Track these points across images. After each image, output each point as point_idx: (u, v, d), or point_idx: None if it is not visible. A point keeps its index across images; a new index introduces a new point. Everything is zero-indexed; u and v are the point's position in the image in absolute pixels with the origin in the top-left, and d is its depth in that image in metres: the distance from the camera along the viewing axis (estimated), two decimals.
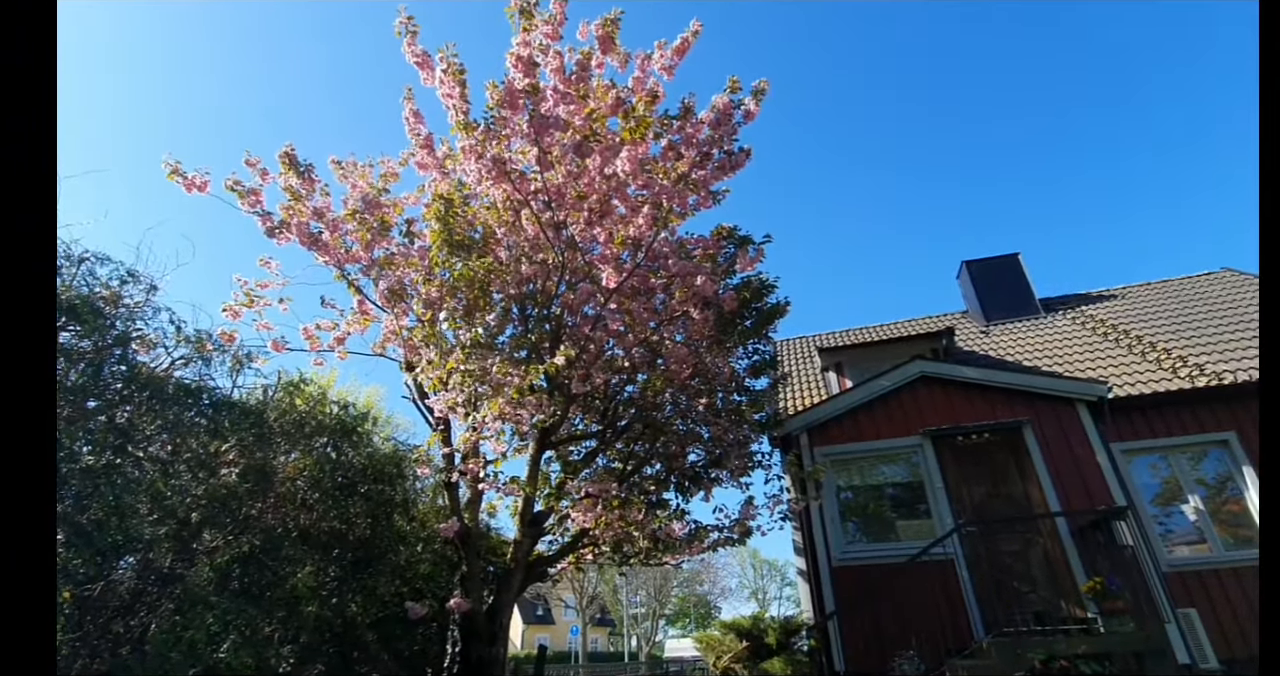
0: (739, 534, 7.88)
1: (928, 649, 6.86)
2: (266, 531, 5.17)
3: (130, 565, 4.89)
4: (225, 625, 4.63)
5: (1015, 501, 8.12)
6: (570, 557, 8.27)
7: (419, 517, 7.14)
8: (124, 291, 4.61)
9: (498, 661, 6.76)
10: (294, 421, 5.69)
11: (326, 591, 5.47)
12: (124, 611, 4.73)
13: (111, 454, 4.23)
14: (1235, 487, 8.87)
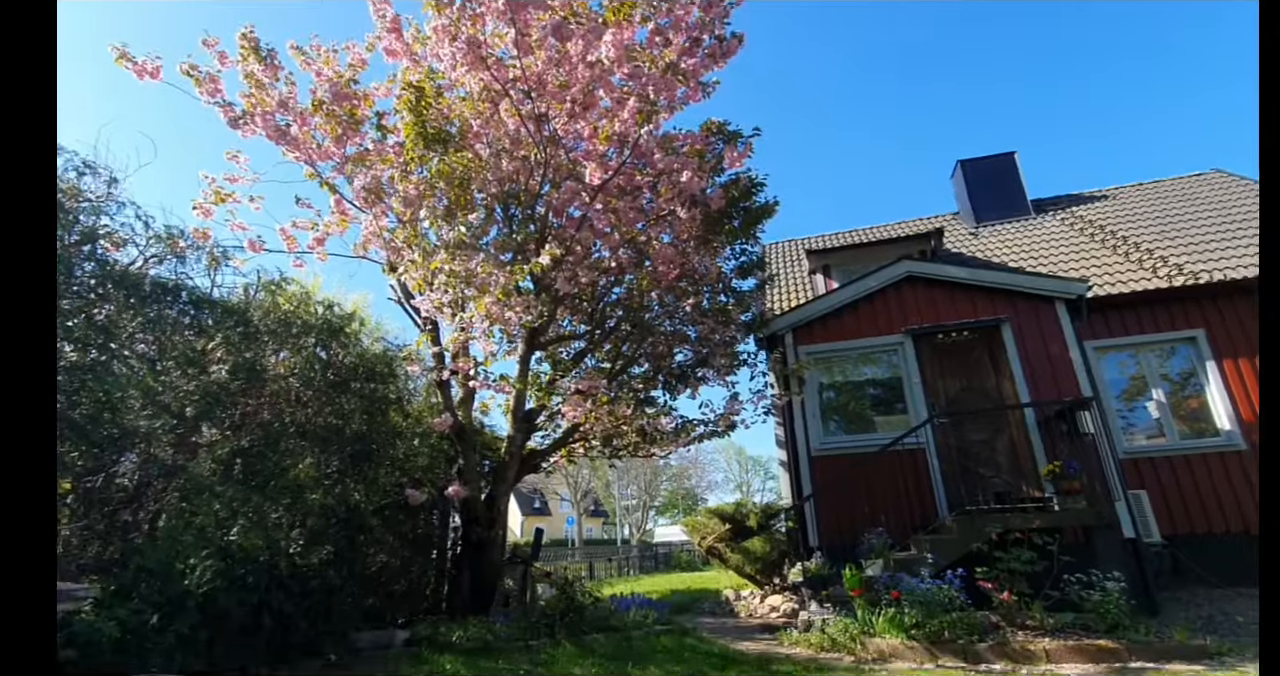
0: (723, 427, 8.22)
1: (895, 526, 7.40)
2: (264, 427, 5.32)
3: (132, 460, 5.06)
4: (233, 511, 4.88)
5: (988, 394, 8.45)
6: (562, 451, 8.65)
7: (414, 414, 7.34)
8: (82, 184, 4.41)
9: (496, 543, 7.25)
10: (279, 320, 5.68)
11: (329, 481, 5.73)
12: (130, 502, 4.95)
13: (96, 351, 4.24)
14: (1197, 383, 9.29)
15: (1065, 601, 5.93)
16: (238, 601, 4.69)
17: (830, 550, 7.68)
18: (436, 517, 7.56)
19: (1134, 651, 5.07)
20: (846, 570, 6.39)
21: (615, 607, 6.80)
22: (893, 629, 5.61)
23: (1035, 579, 6.04)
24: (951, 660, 5.15)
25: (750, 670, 4.81)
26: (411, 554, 7.00)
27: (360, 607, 5.91)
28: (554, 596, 6.54)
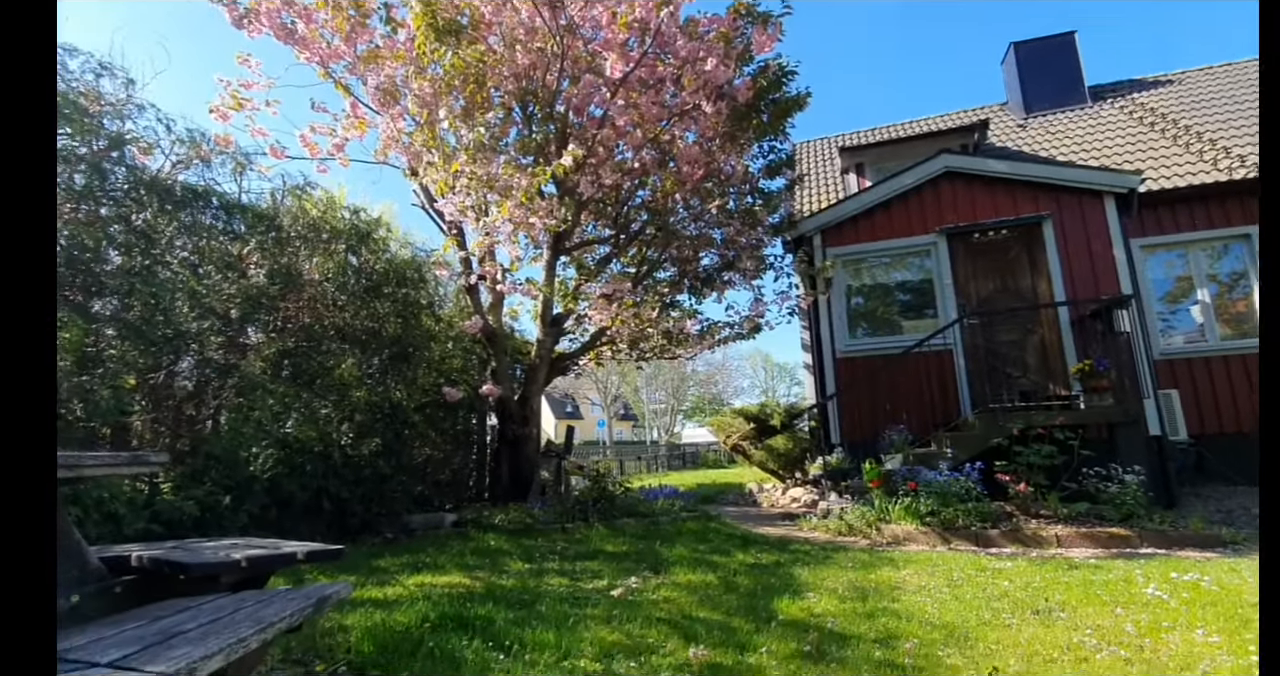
0: (748, 329, 8.29)
1: (917, 425, 7.57)
2: (305, 329, 5.56)
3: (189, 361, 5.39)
4: (285, 406, 5.23)
5: (1022, 295, 8.27)
6: (590, 354, 8.88)
7: (445, 319, 7.56)
8: (100, 87, 4.39)
9: (531, 439, 7.67)
10: (308, 225, 5.77)
11: (371, 380, 6.05)
12: (192, 398, 5.33)
13: (140, 255, 4.40)
14: (1246, 285, 8.92)
15: (1082, 493, 6.09)
16: (299, 486, 5.15)
17: (851, 446, 7.94)
18: (474, 417, 7.98)
19: (1145, 538, 5.23)
20: (866, 464, 6.62)
21: (644, 497, 7.25)
22: (908, 516, 5.89)
23: (1053, 472, 6.19)
24: (963, 544, 5.42)
25: (769, 549, 5.16)
26: (453, 448, 7.48)
27: (410, 494, 6.42)
28: (586, 487, 6.98)
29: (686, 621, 3.19)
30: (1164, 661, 2.55)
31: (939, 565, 4.49)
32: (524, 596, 3.64)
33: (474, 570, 4.42)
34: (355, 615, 3.27)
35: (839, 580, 4.04)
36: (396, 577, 4.19)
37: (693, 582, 4.01)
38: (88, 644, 1.22)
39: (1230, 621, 2.96)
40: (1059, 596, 3.57)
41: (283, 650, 2.90)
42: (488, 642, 2.85)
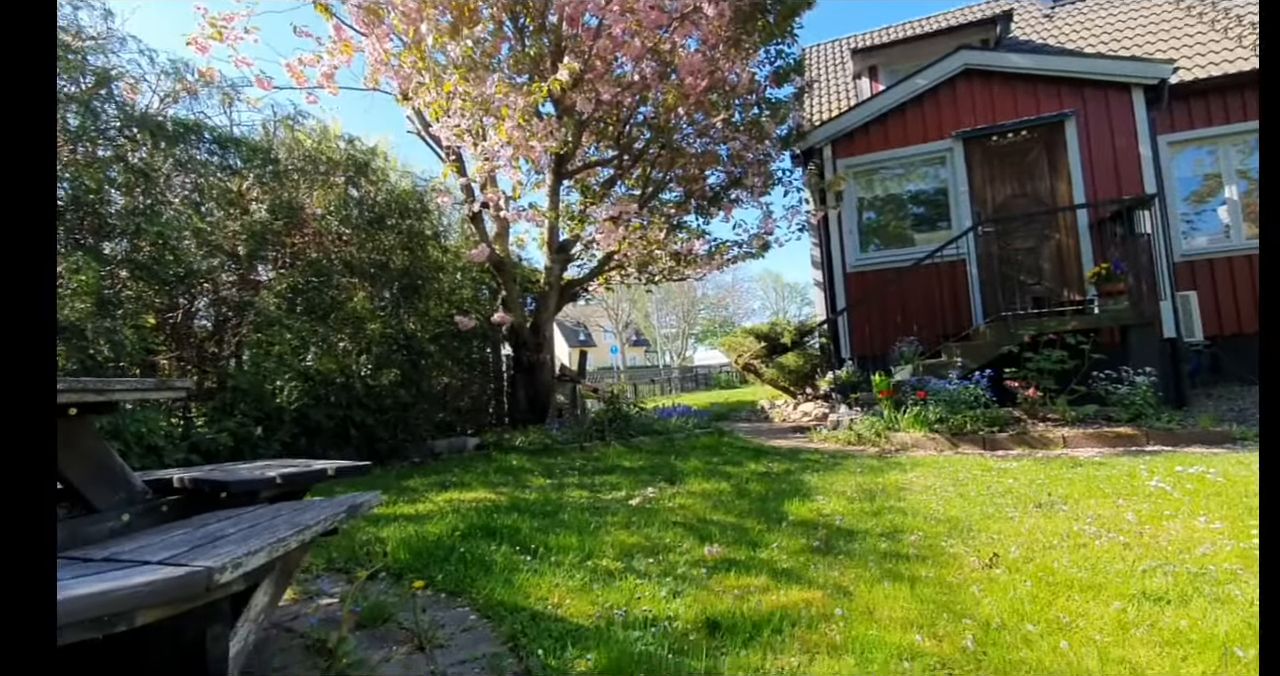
0: (758, 247, 8.18)
1: (927, 336, 7.58)
2: (313, 264, 5.58)
3: (205, 299, 5.47)
4: (303, 341, 5.34)
5: (1040, 200, 8.02)
6: (599, 279, 8.86)
7: (452, 250, 7.53)
8: (80, 20, 4.21)
9: (545, 365, 7.81)
10: (304, 157, 5.66)
11: (383, 313, 6.12)
12: (212, 336, 5.45)
13: (141, 195, 4.38)
14: None
15: (1091, 396, 6.15)
16: (326, 416, 5.35)
17: (861, 360, 8.01)
18: (488, 346, 8.10)
19: (1152, 437, 5.32)
20: (876, 376, 6.70)
21: (658, 416, 7.44)
22: (916, 424, 6.01)
23: (1063, 377, 6.23)
24: (970, 448, 5.56)
25: (780, 459, 5.34)
26: (470, 376, 7.65)
27: (432, 421, 6.65)
28: (602, 408, 7.17)
29: (701, 524, 3.36)
30: (1163, 545, 2.67)
31: (945, 467, 4.63)
32: (547, 508, 3.84)
33: (498, 486, 4.64)
34: (390, 528, 3.48)
35: (847, 484, 4.20)
36: (426, 495, 4.42)
37: (706, 491, 4.19)
38: (136, 548, 1.32)
39: (1234, 509, 3.06)
40: (1062, 491, 3.69)
41: (326, 560, 3.12)
42: (515, 547, 3.04)
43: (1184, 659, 1.74)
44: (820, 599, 2.30)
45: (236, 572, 1.16)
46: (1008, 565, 2.54)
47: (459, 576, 2.73)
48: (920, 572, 2.51)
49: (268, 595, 1.46)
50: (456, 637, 2.22)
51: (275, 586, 1.49)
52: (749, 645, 1.98)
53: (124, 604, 0.96)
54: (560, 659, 1.95)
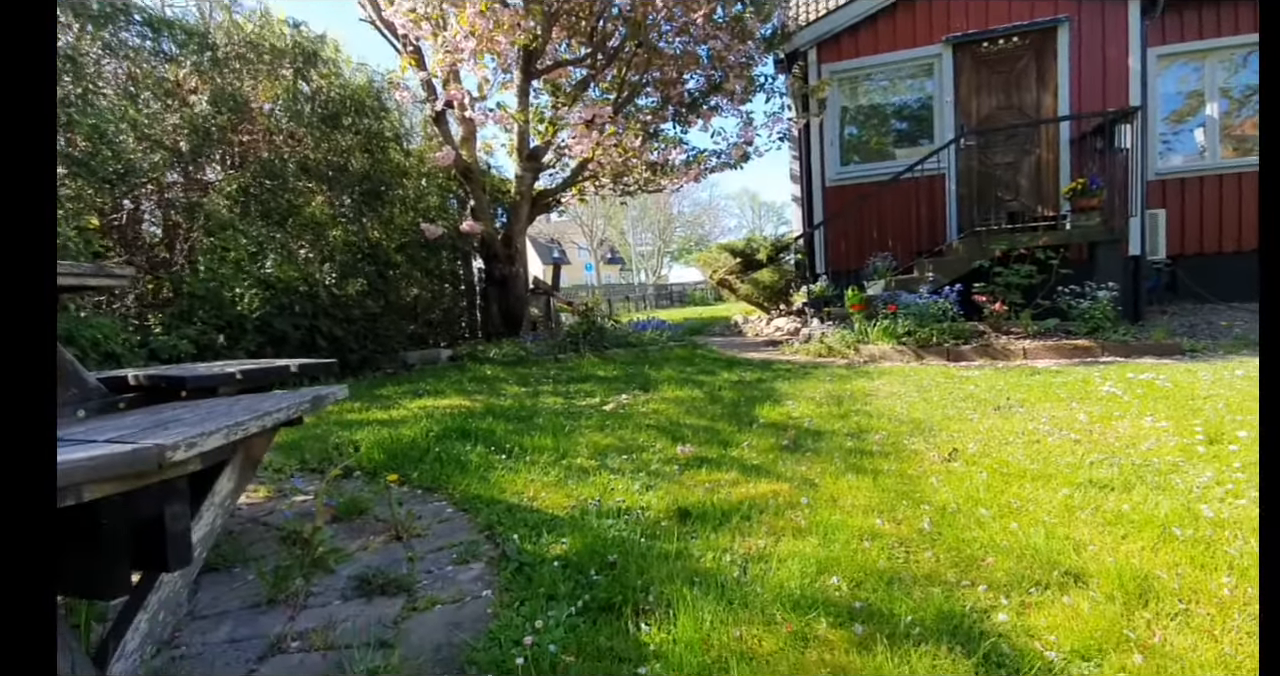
0: (736, 158, 7.92)
1: (903, 252, 7.59)
2: (265, 164, 5.23)
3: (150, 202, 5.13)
4: (260, 247, 5.10)
5: (1025, 112, 7.83)
6: (573, 189, 8.55)
7: (416, 154, 7.13)
8: None
9: (519, 278, 7.67)
10: (245, 44, 5.16)
11: (345, 220, 5.84)
12: (164, 241, 5.16)
13: (71, 83, 3.97)
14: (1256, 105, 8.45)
15: (1054, 310, 6.30)
16: (292, 326, 5.21)
17: (836, 276, 8.02)
18: (458, 258, 7.88)
19: (1108, 349, 5.52)
20: (849, 290, 6.74)
21: (633, 329, 7.45)
22: (885, 336, 6.13)
23: (1029, 291, 6.34)
24: (935, 359, 5.71)
25: (753, 369, 5.43)
26: (440, 288, 7.49)
27: (404, 333, 6.55)
28: (577, 321, 7.14)
29: (674, 427, 3.43)
30: (1111, 442, 2.80)
31: (911, 376, 4.76)
32: (521, 413, 3.87)
33: (472, 394, 4.65)
34: (363, 432, 3.48)
35: (817, 390, 4.30)
36: (399, 402, 4.41)
37: (680, 397, 4.25)
38: (86, 431, 1.26)
39: (1180, 410, 3.22)
40: (1019, 395, 3.83)
41: (299, 461, 3.12)
42: (490, 448, 3.07)
43: (1124, 536, 1.86)
44: (787, 490, 2.38)
45: (191, 452, 1.12)
46: (965, 459, 2.65)
47: (435, 474, 2.76)
48: (883, 466, 2.61)
49: (232, 482, 1.44)
50: (433, 528, 2.26)
51: (239, 474, 1.46)
52: (719, 530, 2.05)
53: (68, 477, 0.91)
54: (536, 544, 2.00)
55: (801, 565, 1.75)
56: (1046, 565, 1.70)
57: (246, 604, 1.76)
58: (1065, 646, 1.36)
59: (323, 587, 1.84)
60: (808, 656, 1.35)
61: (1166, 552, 1.74)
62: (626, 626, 1.50)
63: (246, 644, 1.56)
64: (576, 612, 1.57)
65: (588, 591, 1.67)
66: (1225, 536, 1.81)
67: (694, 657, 1.35)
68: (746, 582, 1.69)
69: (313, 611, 1.71)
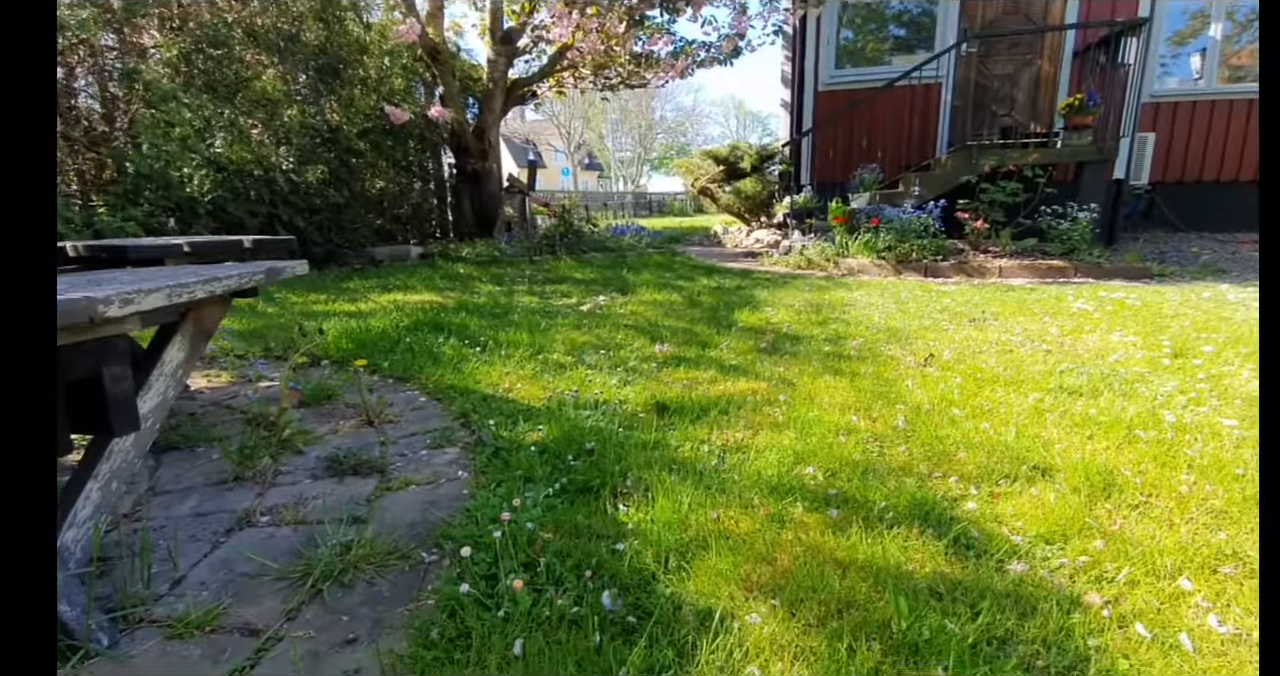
0: (727, 51, 7.41)
1: (891, 164, 7.39)
2: (207, 29, 4.69)
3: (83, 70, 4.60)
4: (207, 122, 4.67)
5: (1033, 19, 7.43)
6: (551, 80, 7.98)
7: (377, 28, 6.48)
8: None
9: (492, 174, 7.29)
10: None
11: (301, 99, 5.36)
12: (102, 115, 4.69)
13: None
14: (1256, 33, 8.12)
15: (1033, 230, 6.27)
16: (248, 212, 4.89)
17: (820, 187, 7.82)
18: (427, 150, 7.41)
19: (1080, 270, 5.57)
20: (833, 202, 6.58)
21: (611, 233, 7.25)
22: (865, 250, 6.07)
23: (1012, 210, 6.28)
24: (913, 275, 5.71)
25: (732, 277, 5.36)
26: (408, 181, 7.09)
27: (370, 227, 6.25)
28: (553, 223, 6.88)
29: (652, 328, 3.38)
30: (1081, 353, 2.85)
31: (889, 289, 4.75)
32: (496, 310, 3.77)
33: (445, 291, 4.51)
34: (331, 323, 3.35)
35: (795, 299, 4.27)
36: (367, 296, 4.26)
37: (658, 300, 4.18)
38: None
39: (1147, 327, 3.27)
40: (994, 309, 3.86)
41: (263, 349, 3.01)
42: (464, 341, 2.99)
43: (1090, 437, 1.91)
44: (765, 389, 2.38)
45: (127, 309, 1.01)
46: (941, 365, 2.67)
47: (406, 364, 2.68)
48: (860, 369, 2.62)
49: (182, 352, 1.33)
50: (406, 415, 2.21)
51: (190, 344, 1.35)
52: (696, 423, 2.05)
53: None
54: (512, 431, 1.97)
55: (779, 456, 1.76)
56: (1015, 460, 1.73)
57: (211, 481, 1.71)
58: (1031, 531, 1.40)
59: (292, 467, 1.80)
60: (784, 536, 1.36)
61: (1130, 452, 1.79)
62: (604, 507, 1.50)
63: (212, 518, 1.52)
64: (554, 494, 1.56)
65: (565, 475, 1.66)
66: (1186, 440, 1.87)
67: (672, 536, 1.35)
68: (724, 470, 1.70)
69: (282, 489, 1.68)
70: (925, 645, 1.03)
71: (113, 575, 1.25)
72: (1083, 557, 1.29)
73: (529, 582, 1.20)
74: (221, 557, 1.35)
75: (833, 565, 1.26)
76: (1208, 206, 8.28)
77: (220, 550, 1.38)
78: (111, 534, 1.40)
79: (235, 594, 1.22)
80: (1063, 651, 1.03)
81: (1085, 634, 1.07)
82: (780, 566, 1.26)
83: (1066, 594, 1.18)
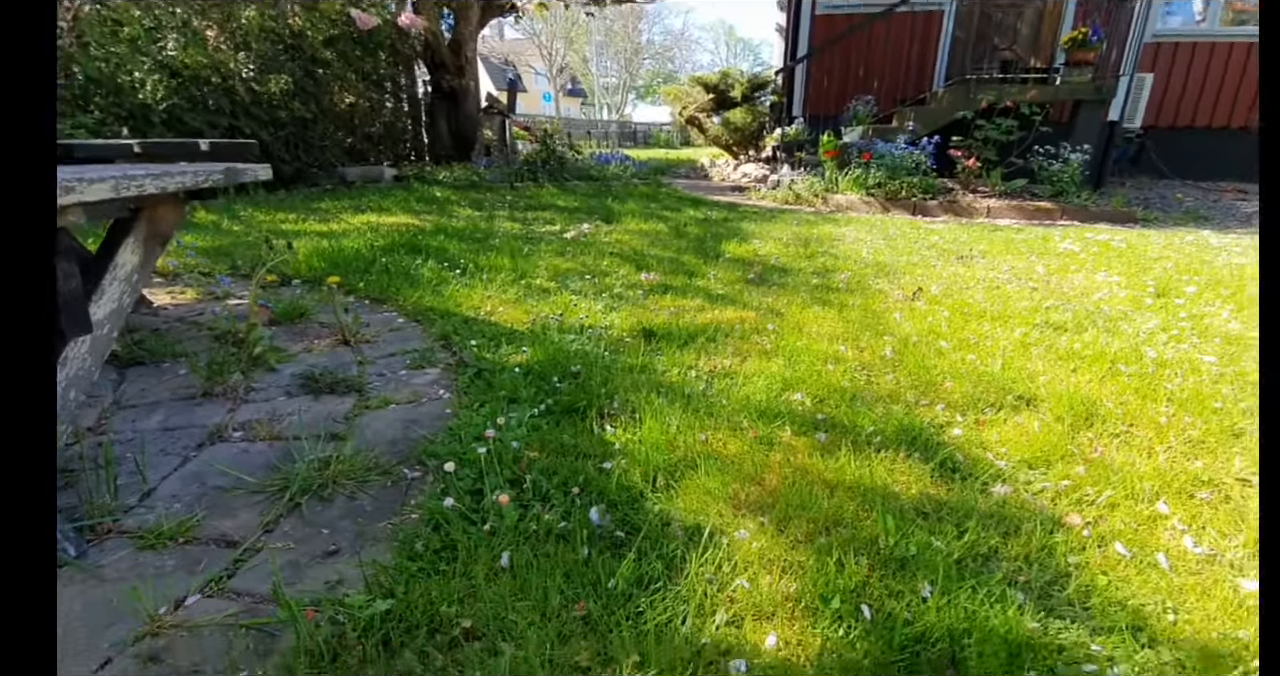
0: None
1: (886, 97, 7.14)
2: None
3: None
4: (158, 21, 4.28)
5: None
6: None
7: None
8: None
9: (470, 93, 6.89)
10: None
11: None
12: None
13: None
14: None
15: (1024, 170, 6.18)
16: (206, 123, 4.57)
17: (813, 120, 7.56)
18: (399, 63, 6.93)
19: (1067, 212, 5.54)
20: (824, 136, 6.39)
21: (596, 161, 6.98)
22: (855, 186, 5.95)
23: (1004, 148, 6.15)
24: (901, 213, 5.63)
25: (719, 209, 5.23)
26: (379, 97, 6.66)
27: (340, 145, 5.92)
28: (535, 148, 6.59)
29: (638, 256, 3.29)
30: (1066, 291, 2.85)
31: (877, 225, 4.69)
32: (476, 235, 3.63)
33: (421, 214, 4.33)
34: (301, 242, 3.20)
35: (783, 232, 4.19)
36: (339, 216, 4.07)
37: (644, 230, 4.07)
38: None
39: (1132, 267, 3.28)
40: (982, 247, 3.83)
41: (229, 267, 2.87)
42: (443, 264, 2.88)
43: (1074, 370, 1.92)
44: (753, 318, 2.34)
45: (68, 198, 0.90)
46: (929, 299, 2.65)
47: (383, 285, 2.58)
48: (848, 301, 2.59)
49: (136, 255, 1.23)
50: (384, 336, 2.14)
51: (144, 247, 1.25)
52: (683, 349, 2.01)
53: None
54: (495, 353, 1.92)
55: (767, 382, 1.74)
56: (1001, 390, 1.74)
57: (179, 396, 1.64)
58: (1015, 457, 1.41)
59: (264, 384, 1.73)
60: (772, 458, 1.36)
61: (1112, 384, 1.80)
62: (590, 427, 1.47)
63: (182, 432, 1.46)
64: (539, 414, 1.53)
65: (550, 397, 1.62)
66: (1166, 374, 1.89)
67: (660, 456, 1.33)
68: (712, 395, 1.68)
69: (255, 405, 1.62)
70: (912, 560, 1.04)
71: (77, 487, 1.20)
72: (1065, 482, 1.31)
73: (515, 499, 1.18)
74: (193, 471, 1.31)
75: (821, 485, 1.26)
76: (1194, 154, 8.25)
77: (191, 463, 1.33)
78: (74, 447, 1.34)
79: (209, 506, 1.18)
80: (1044, 568, 1.05)
81: (1066, 552, 1.09)
82: (768, 486, 1.25)
83: (1049, 515, 1.20)
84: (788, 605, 0.95)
